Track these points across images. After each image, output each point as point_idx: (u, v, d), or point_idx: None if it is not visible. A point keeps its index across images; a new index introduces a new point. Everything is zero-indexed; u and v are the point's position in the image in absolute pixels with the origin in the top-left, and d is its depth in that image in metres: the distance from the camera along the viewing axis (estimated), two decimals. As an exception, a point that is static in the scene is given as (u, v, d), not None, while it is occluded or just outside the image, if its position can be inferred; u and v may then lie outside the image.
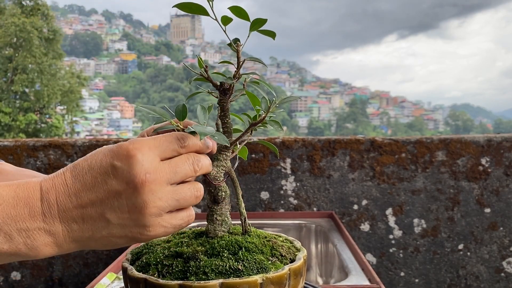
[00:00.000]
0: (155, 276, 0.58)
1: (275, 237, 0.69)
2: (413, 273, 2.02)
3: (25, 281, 2.04)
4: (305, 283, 0.70)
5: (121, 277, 1.12)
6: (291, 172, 2.01)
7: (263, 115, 0.64)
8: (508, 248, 2.01)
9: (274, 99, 0.65)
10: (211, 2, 0.60)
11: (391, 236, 2.02)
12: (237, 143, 0.67)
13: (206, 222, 0.67)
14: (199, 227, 0.71)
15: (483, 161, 2.00)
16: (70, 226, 0.54)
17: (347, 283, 1.12)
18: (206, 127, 0.59)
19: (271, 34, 0.64)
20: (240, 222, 0.68)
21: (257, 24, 0.61)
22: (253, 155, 2.00)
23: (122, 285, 1.04)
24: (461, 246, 2.02)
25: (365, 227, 2.02)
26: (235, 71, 0.65)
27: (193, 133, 0.59)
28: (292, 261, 0.63)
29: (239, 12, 0.60)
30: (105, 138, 2.26)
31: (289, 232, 1.77)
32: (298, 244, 0.69)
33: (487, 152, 2.00)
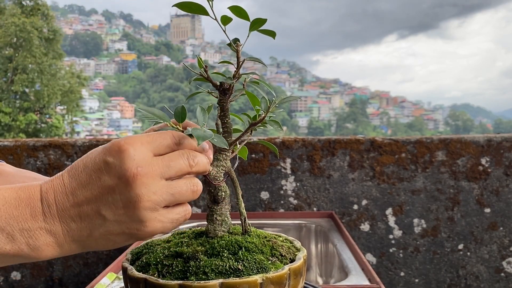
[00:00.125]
0: (155, 276, 0.58)
1: (275, 237, 0.69)
2: (413, 273, 2.02)
3: (25, 281, 2.04)
4: (305, 283, 0.70)
5: (121, 277, 1.12)
6: (291, 172, 2.01)
7: (263, 115, 0.64)
8: (508, 248, 2.01)
9: (273, 99, 0.65)
10: (211, 2, 0.60)
11: (391, 236, 2.02)
12: (237, 143, 0.67)
13: (206, 222, 0.67)
14: (199, 227, 0.71)
15: (483, 161, 2.00)
16: (69, 225, 0.54)
17: (347, 283, 1.12)
18: (205, 130, 0.58)
19: (271, 33, 0.64)
20: (240, 222, 0.68)
21: (257, 24, 0.61)
22: (253, 155, 2.00)
23: (122, 285, 1.04)
24: (461, 246, 2.02)
25: (365, 227, 2.02)
26: (235, 71, 0.65)
27: (191, 136, 0.59)
28: (292, 261, 0.63)
29: (239, 12, 0.60)
30: (105, 138, 2.26)
31: (289, 232, 1.77)
32: (298, 244, 0.69)
33: (487, 152, 2.00)
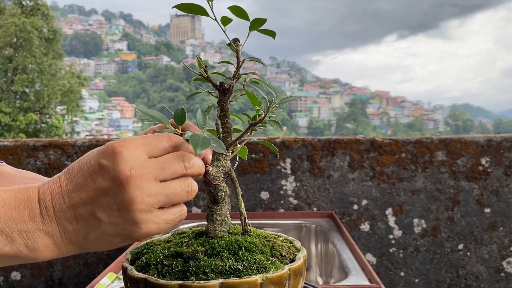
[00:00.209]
0: (155, 276, 0.58)
1: (275, 237, 0.69)
2: (413, 273, 2.02)
3: (25, 281, 2.04)
4: (305, 283, 0.70)
5: (121, 277, 1.12)
6: (291, 172, 2.01)
7: (263, 115, 0.64)
8: (508, 248, 2.01)
9: (273, 99, 0.65)
10: (210, 3, 0.60)
11: (391, 236, 2.02)
12: (237, 143, 0.67)
13: (206, 222, 0.67)
14: (199, 227, 0.71)
15: (483, 161, 2.00)
16: (65, 227, 0.54)
17: (347, 283, 1.12)
18: (203, 136, 0.57)
19: (271, 33, 0.64)
20: (240, 222, 0.68)
21: (256, 24, 0.61)
22: (253, 155, 2.00)
23: (122, 285, 1.04)
24: (461, 246, 2.02)
25: (365, 227, 2.02)
26: (235, 71, 0.65)
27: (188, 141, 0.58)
28: (292, 261, 0.63)
29: (238, 12, 0.60)
30: (105, 138, 2.26)
31: (289, 232, 1.77)
32: (298, 244, 0.69)
33: (487, 152, 2.00)
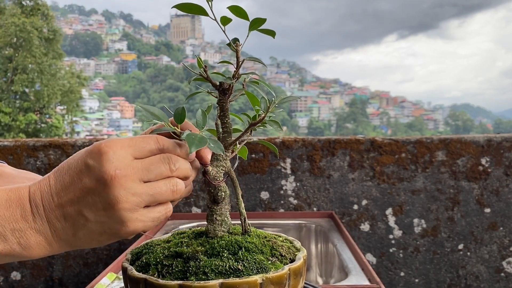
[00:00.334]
0: (155, 276, 0.58)
1: (275, 237, 0.69)
2: (413, 273, 2.02)
3: (25, 281, 2.04)
4: (305, 283, 0.70)
5: (121, 277, 1.12)
6: (291, 172, 2.01)
7: (263, 115, 0.64)
8: (508, 248, 2.01)
9: (273, 99, 0.65)
10: (210, 2, 0.60)
11: (391, 236, 2.02)
12: (237, 143, 0.67)
13: (206, 222, 0.67)
14: (199, 227, 0.71)
15: (483, 161, 2.00)
16: (55, 225, 0.55)
17: (347, 283, 1.12)
18: (201, 136, 0.57)
19: (271, 33, 0.64)
20: (240, 222, 0.68)
21: (256, 24, 0.61)
22: (253, 155, 2.00)
23: (122, 285, 1.03)
24: (461, 246, 2.02)
25: (365, 227, 2.02)
26: (235, 71, 0.64)
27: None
28: (292, 261, 0.63)
29: (238, 11, 0.60)
30: (105, 138, 2.26)
31: (289, 232, 1.77)
32: (298, 244, 0.69)
33: (487, 152, 2.00)
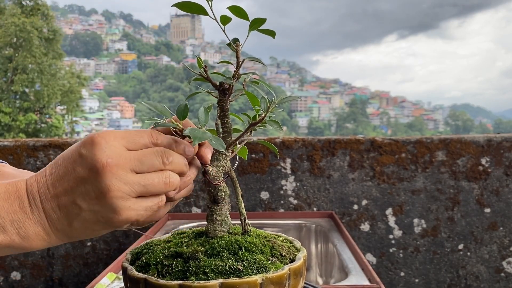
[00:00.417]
0: (155, 276, 0.58)
1: (275, 237, 0.69)
2: (413, 273, 2.02)
3: (25, 281, 2.04)
4: (305, 283, 0.70)
5: (121, 277, 1.12)
6: (291, 172, 2.01)
7: (263, 115, 0.64)
8: (508, 248, 2.01)
9: (273, 99, 0.65)
10: (210, 2, 0.60)
11: (391, 236, 2.02)
12: (237, 143, 0.67)
13: (206, 222, 0.67)
14: (199, 227, 0.71)
15: (483, 161, 2.00)
16: (51, 215, 0.56)
17: (347, 283, 1.12)
18: (204, 131, 0.58)
19: (271, 33, 0.64)
20: (240, 222, 0.68)
21: (256, 24, 0.61)
22: (253, 155, 2.00)
23: (122, 285, 1.03)
24: (461, 246, 2.02)
25: (365, 227, 2.02)
26: (235, 71, 0.64)
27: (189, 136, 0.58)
28: (292, 261, 0.63)
29: (238, 11, 0.60)
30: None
31: (289, 232, 1.77)
32: (298, 244, 0.69)
33: (487, 152, 2.00)
